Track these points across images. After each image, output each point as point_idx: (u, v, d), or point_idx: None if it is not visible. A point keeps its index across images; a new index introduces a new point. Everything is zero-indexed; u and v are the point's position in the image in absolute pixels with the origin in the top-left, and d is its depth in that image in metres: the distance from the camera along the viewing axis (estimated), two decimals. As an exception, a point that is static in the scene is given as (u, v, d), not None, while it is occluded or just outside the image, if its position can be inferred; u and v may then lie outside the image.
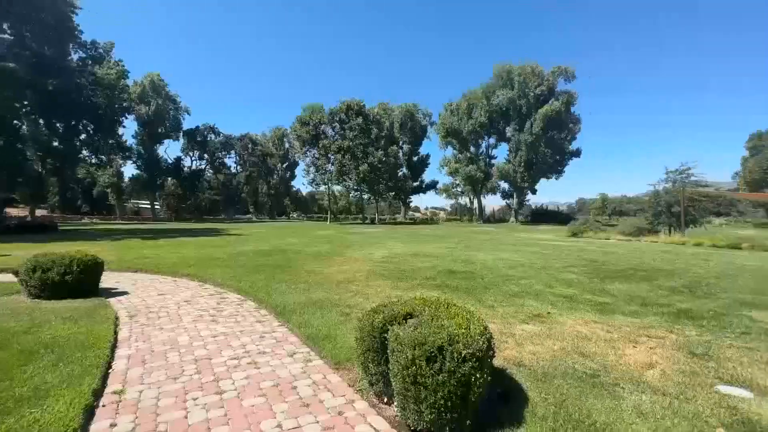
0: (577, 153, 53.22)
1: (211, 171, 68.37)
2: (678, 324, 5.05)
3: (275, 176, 78.78)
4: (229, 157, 69.76)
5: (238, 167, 73.42)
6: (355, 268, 9.62)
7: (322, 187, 57.22)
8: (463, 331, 2.53)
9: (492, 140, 58.37)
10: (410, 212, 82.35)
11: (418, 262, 10.55)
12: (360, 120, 49.34)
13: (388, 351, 2.70)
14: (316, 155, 51.99)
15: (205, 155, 64.74)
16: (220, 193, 69.29)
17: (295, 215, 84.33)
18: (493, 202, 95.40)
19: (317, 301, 6.07)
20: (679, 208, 23.40)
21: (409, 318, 2.96)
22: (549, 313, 5.51)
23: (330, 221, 55.26)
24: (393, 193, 60.59)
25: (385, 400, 2.97)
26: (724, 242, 17.32)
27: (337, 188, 62.65)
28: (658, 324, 5.04)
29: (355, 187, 55.21)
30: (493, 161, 58.28)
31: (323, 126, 51.80)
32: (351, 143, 48.53)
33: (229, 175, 71.69)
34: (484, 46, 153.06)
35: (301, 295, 6.55)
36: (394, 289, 7.11)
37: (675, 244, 18.80)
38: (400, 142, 61.22)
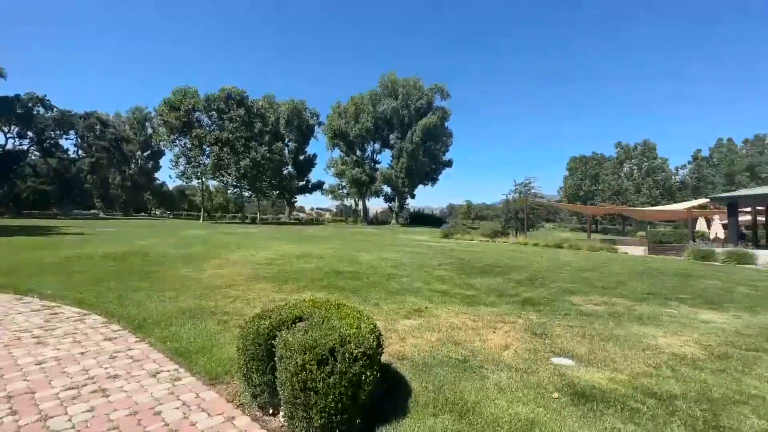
0: (449, 163, 59.87)
1: (38, 154, 54.17)
2: (524, 310, 6.09)
3: (133, 166, 67.05)
4: (67, 139, 56.44)
5: (80, 152, 59.94)
6: (234, 271, 8.84)
7: (195, 182, 51.03)
8: (354, 330, 2.55)
9: (377, 146, 61.18)
10: (295, 212, 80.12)
11: (304, 264, 10.30)
12: (242, 111, 45.78)
13: (276, 358, 2.54)
14: (188, 145, 46.17)
15: (29, 133, 50.93)
16: (51, 183, 55.28)
17: (158, 212, 73.20)
18: (376, 205, 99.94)
19: (188, 310, 5.36)
20: (523, 215, 28.43)
21: (299, 321, 2.85)
22: (427, 307, 6.01)
23: (203, 219, 49.65)
24: (277, 192, 58.00)
25: (271, 411, 2.78)
26: (552, 243, 21.72)
27: (212, 183, 56.74)
28: (510, 311, 5.98)
29: (235, 184, 50.95)
30: (377, 166, 61.09)
31: (197, 113, 46.35)
32: (231, 135, 44.60)
33: (66, 161, 57.90)
34: (369, 53, 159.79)
35: (167, 304, 5.69)
36: (279, 292, 6.78)
37: (520, 244, 22.74)
38: (286, 140, 59.03)
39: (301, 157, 61.93)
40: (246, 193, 56.31)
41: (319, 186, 64.70)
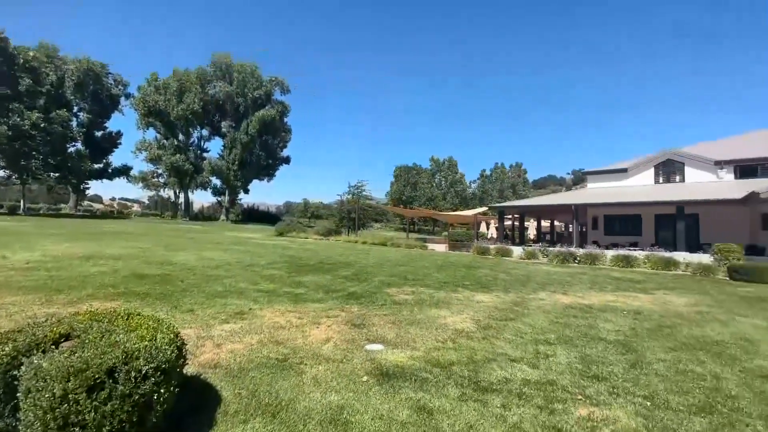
0: (287, 160, 58.58)
1: None
2: (348, 304, 6.50)
3: None
4: None
5: None
6: (-35, 280, 6.25)
7: None
8: (146, 343, 2.17)
9: (205, 132, 54.38)
10: (86, 203, 63.07)
11: (91, 267, 8.19)
12: (-3, 59, 32.85)
13: (20, 394, 1.91)
14: None
15: None
16: None
17: None
18: (202, 199, 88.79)
19: None
20: (355, 215, 30.49)
21: (65, 341, 2.23)
22: (251, 309, 5.70)
23: None
24: (57, 175, 44.15)
25: (10, 465, 2.07)
26: (378, 241, 24.07)
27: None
28: (335, 306, 6.29)
29: (-20, 158, 36.07)
30: (205, 154, 54.31)
31: None
32: (-27, 89, 31.40)
33: None
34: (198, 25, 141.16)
35: None
36: (47, 305, 5.18)
37: (351, 242, 24.28)
38: (76, 108, 45.69)
39: (99, 134, 48.99)
40: (2, 173, 40.78)
41: (124, 171, 52.50)
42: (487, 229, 38.58)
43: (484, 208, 31.90)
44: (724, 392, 3.43)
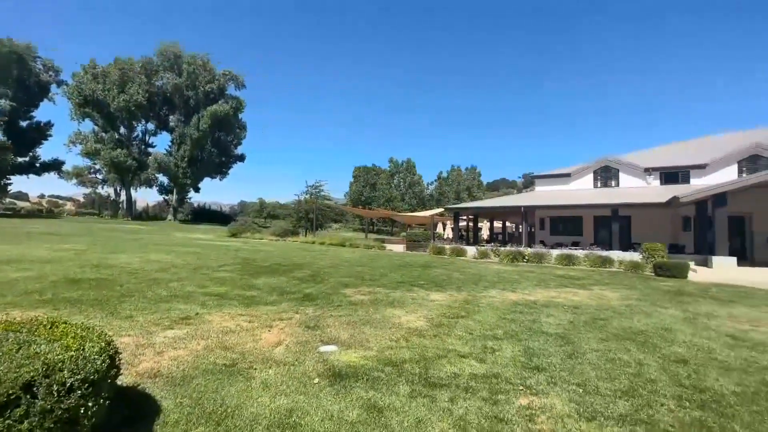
0: (241, 157, 56.32)
1: None
2: (302, 306, 6.40)
3: None
4: None
5: None
6: None
7: None
8: (72, 354, 2.00)
9: (151, 126, 50.89)
10: (8, 200, 56.58)
11: (12, 272, 7.37)
12: None
13: None
14: None
15: None
16: None
17: None
18: (147, 197, 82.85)
19: None
20: (313, 215, 30.02)
21: (-27, 354, 2.00)
22: (198, 313, 5.43)
23: None
24: (-29, 168, 39.06)
25: None
26: (336, 242, 23.88)
27: None
28: (289, 308, 6.16)
29: None
30: (150, 150, 50.78)
31: None
32: None
33: None
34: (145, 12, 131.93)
35: None
36: (-46, 315, 4.58)
37: (308, 243, 23.88)
38: (-5, 94, 40.71)
39: (24, 123, 44.12)
40: None
41: (55, 166, 47.74)
42: (444, 229, 39.69)
43: (441, 210, 32.76)
44: (645, 377, 3.81)
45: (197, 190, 54.39)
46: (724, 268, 13.80)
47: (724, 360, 4.39)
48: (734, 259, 14.19)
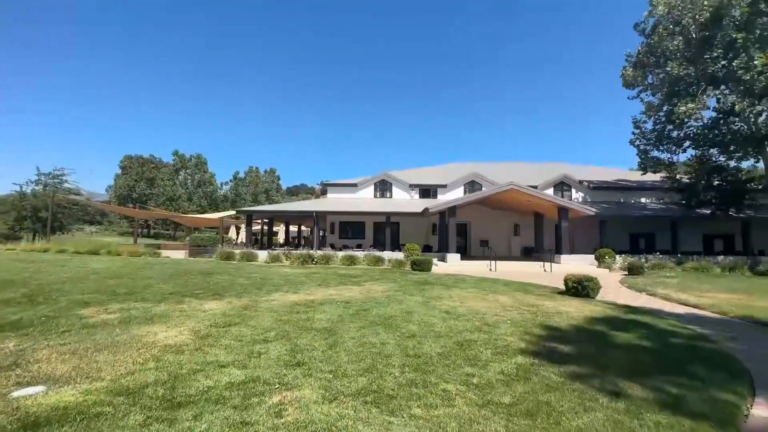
0: None
1: None
2: (-3, 339, 4.56)
3: None
4: None
5: None
6: None
7: None
8: None
9: None
10: None
11: None
12: None
13: None
14: None
15: None
16: None
17: None
18: None
19: None
20: (47, 214, 22.24)
21: None
22: None
23: None
24: None
25: None
26: (85, 248, 18.50)
27: None
28: (-32, 345, 4.27)
29: None
30: None
31: None
32: None
33: None
34: None
35: None
36: None
37: (37, 251, 17.53)
38: None
39: None
40: None
41: None
42: (237, 233, 37.26)
43: (232, 212, 30.56)
44: (384, 354, 4.62)
45: None
46: (454, 262, 18.65)
47: (438, 331, 5.85)
48: (459, 255, 19.39)
